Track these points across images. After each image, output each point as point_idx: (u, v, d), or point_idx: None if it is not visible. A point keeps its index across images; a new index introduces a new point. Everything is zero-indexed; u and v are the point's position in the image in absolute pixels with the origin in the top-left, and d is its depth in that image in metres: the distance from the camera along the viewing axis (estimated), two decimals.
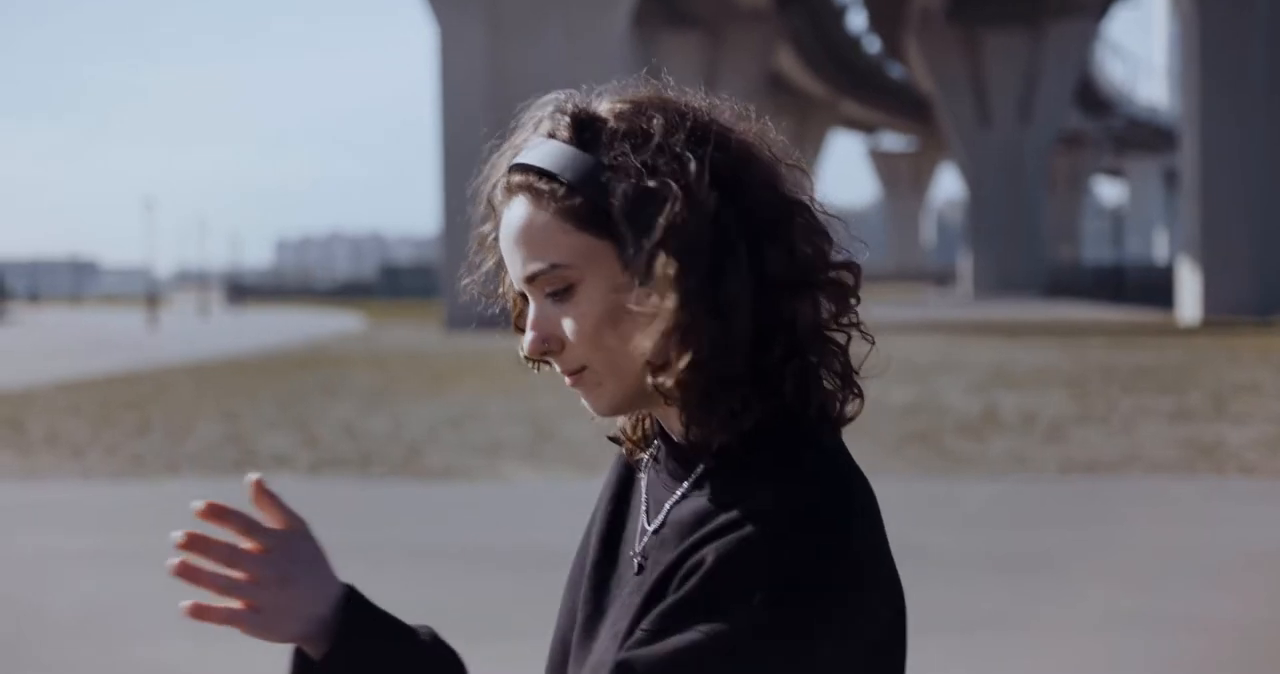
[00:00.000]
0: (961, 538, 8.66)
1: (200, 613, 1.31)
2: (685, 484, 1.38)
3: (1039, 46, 62.97)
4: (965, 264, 67.95)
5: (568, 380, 1.41)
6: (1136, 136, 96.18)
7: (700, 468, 1.37)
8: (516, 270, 1.40)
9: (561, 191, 1.37)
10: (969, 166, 63.98)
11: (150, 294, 59.10)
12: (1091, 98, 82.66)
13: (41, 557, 8.47)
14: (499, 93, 33.61)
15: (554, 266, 1.38)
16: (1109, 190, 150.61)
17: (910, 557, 8.03)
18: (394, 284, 79.69)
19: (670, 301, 1.30)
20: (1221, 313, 34.07)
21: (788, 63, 75.97)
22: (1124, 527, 9.04)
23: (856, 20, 75.28)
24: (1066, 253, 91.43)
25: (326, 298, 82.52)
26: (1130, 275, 62.60)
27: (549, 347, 1.40)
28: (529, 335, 1.40)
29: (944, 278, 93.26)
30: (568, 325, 1.38)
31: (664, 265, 1.31)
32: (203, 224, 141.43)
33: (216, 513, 1.30)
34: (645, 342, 1.33)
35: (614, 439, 1.54)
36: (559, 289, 1.39)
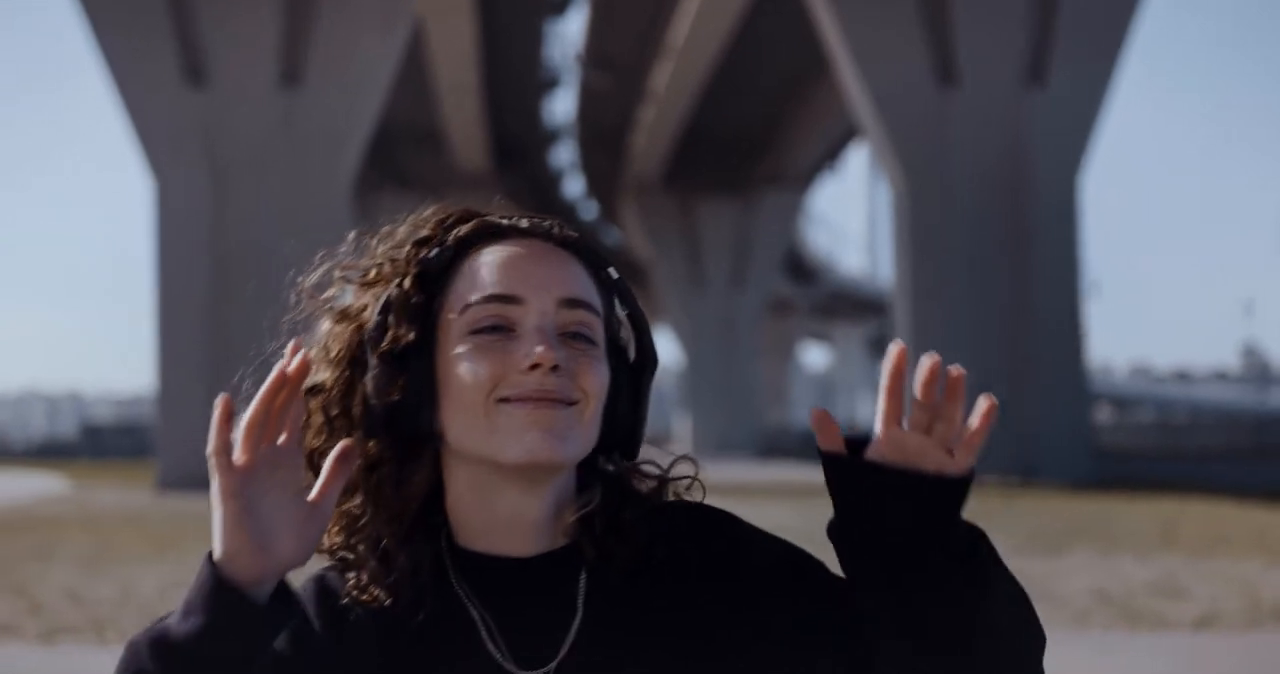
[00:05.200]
0: None
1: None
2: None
3: (749, 215, 65.03)
4: (683, 426, 68.91)
5: (548, 407, 1.28)
6: (839, 306, 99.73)
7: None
8: (546, 285, 1.31)
9: (602, 264, 1.37)
10: (684, 330, 65.26)
11: None
12: (798, 266, 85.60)
13: None
14: (219, 247, 33.01)
15: (598, 312, 1.33)
16: (816, 356, 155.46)
17: None
18: (97, 444, 76.75)
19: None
20: None
21: None
22: None
23: (574, 186, 76.63)
24: (777, 415, 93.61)
25: (23, 459, 79.00)
26: None
27: (561, 368, 1.29)
28: (542, 346, 1.28)
29: (658, 440, 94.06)
30: (583, 366, 1.31)
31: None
32: None
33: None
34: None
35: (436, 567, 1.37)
36: (584, 335, 1.32)
